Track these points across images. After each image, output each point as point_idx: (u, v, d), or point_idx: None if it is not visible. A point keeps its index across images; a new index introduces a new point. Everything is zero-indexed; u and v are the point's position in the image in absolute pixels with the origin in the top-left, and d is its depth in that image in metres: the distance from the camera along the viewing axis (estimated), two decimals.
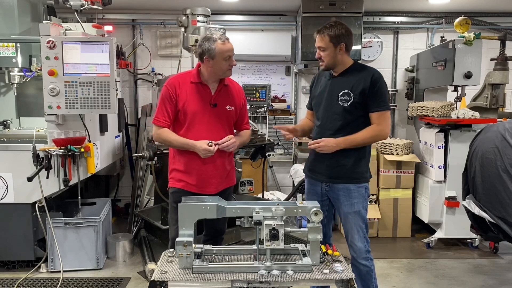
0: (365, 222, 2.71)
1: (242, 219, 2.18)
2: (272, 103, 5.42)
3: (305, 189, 2.93)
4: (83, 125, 3.65)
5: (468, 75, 4.20)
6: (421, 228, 4.83)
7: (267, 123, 5.62)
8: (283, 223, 2.12)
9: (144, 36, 5.48)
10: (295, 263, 2.15)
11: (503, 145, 2.76)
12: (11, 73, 3.92)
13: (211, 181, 2.77)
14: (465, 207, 3.07)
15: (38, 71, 3.75)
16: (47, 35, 3.37)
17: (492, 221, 2.83)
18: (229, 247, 2.42)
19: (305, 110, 3.11)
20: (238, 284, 2.07)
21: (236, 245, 3.86)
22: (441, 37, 4.88)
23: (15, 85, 3.99)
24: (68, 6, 3.62)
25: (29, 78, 3.90)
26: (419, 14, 5.42)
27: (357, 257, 2.68)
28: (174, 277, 2.08)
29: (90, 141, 3.68)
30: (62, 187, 3.63)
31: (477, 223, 3.09)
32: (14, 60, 3.85)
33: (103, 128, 4.10)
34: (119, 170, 5.26)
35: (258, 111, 5.52)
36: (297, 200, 2.30)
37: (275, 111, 5.56)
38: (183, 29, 4.32)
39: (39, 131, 3.77)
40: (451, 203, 4.28)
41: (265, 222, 2.11)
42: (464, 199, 3.14)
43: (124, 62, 4.81)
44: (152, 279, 2.08)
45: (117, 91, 3.57)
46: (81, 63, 3.42)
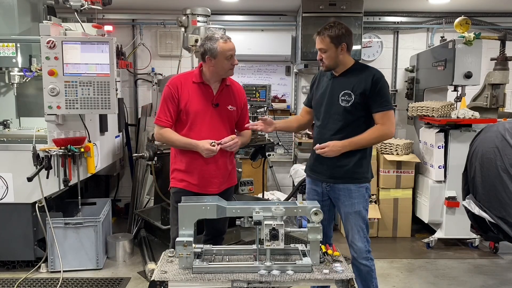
0: (365, 222, 2.71)
1: (242, 219, 2.18)
2: (272, 103, 5.41)
3: (306, 188, 2.92)
4: (83, 125, 3.65)
5: (468, 75, 4.20)
6: (421, 228, 4.83)
7: None
8: (283, 223, 2.12)
9: (144, 36, 5.48)
10: (295, 263, 2.15)
11: (503, 145, 2.76)
12: (11, 73, 3.92)
13: (213, 181, 2.77)
14: (465, 207, 3.07)
15: (38, 71, 3.76)
16: (47, 35, 3.37)
17: (492, 221, 2.83)
18: (229, 247, 2.42)
19: None
20: (238, 284, 2.07)
21: (236, 245, 3.86)
22: (441, 37, 4.88)
23: (15, 85, 3.99)
24: (68, 6, 3.62)
25: (29, 78, 3.90)
26: (419, 14, 5.42)
27: (357, 257, 2.68)
28: (174, 277, 2.08)
29: (90, 141, 3.68)
30: (62, 187, 3.63)
31: (477, 223, 3.09)
32: (14, 60, 3.85)
33: (103, 128, 4.10)
34: (119, 170, 5.26)
35: (258, 111, 5.50)
36: (297, 200, 2.30)
37: (275, 111, 5.55)
38: (183, 29, 4.32)
39: (39, 131, 3.77)
40: (451, 203, 4.28)
41: (265, 222, 2.11)
42: (464, 199, 3.14)
43: (124, 62, 4.81)
44: (152, 279, 2.08)
45: (117, 91, 3.57)
46: (81, 63, 3.42)
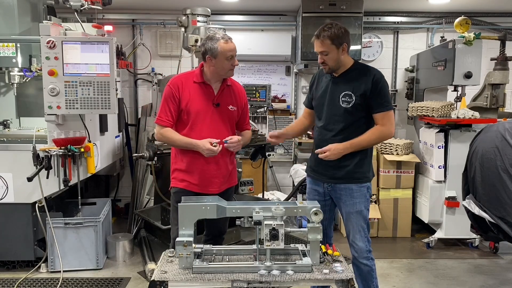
0: (366, 221, 2.71)
1: (242, 219, 2.18)
2: (272, 103, 5.43)
3: (306, 188, 2.92)
4: (83, 125, 3.65)
5: (468, 75, 4.20)
6: (421, 228, 4.83)
7: (267, 123, 5.62)
8: (283, 223, 2.12)
9: (144, 36, 5.48)
10: (295, 263, 2.15)
11: (503, 145, 2.76)
12: (11, 73, 3.92)
13: (214, 181, 2.78)
14: (465, 207, 3.07)
15: (38, 71, 3.76)
16: (47, 35, 3.37)
17: (492, 221, 2.83)
18: (229, 247, 2.42)
19: None
20: (238, 284, 2.07)
21: (236, 245, 3.86)
22: (441, 37, 4.89)
23: (15, 85, 3.99)
24: (68, 6, 3.62)
25: (29, 78, 3.90)
26: (419, 14, 5.42)
27: (358, 256, 2.68)
28: (174, 277, 2.08)
29: (90, 141, 3.68)
30: (62, 187, 3.63)
31: (477, 223, 3.09)
32: (14, 60, 3.85)
33: (103, 128, 4.10)
34: (119, 170, 5.26)
35: (258, 111, 5.52)
36: (297, 200, 2.30)
37: (275, 111, 5.56)
38: (183, 29, 4.32)
39: (39, 131, 3.77)
40: (451, 203, 4.28)
41: (265, 222, 2.11)
42: (464, 199, 3.14)
43: (124, 62, 4.81)
44: (152, 279, 2.08)
45: (117, 91, 3.57)
46: (81, 63, 3.42)
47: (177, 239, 2.14)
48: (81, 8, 3.62)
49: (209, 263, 2.18)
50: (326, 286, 2.69)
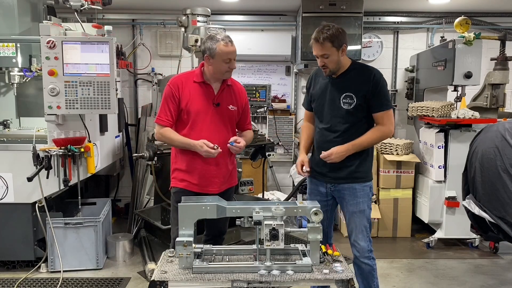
0: (369, 221, 2.71)
1: (242, 219, 2.18)
2: (272, 103, 5.42)
3: (307, 189, 2.90)
4: (83, 125, 3.65)
5: (468, 75, 4.20)
6: (421, 228, 4.83)
7: (267, 123, 5.62)
8: (283, 223, 2.12)
9: (144, 36, 5.48)
10: (295, 263, 2.15)
11: (503, 145, 2.76)
12: (11, 73, 3.92)
13: (214, 181, 2.77)
14: (465, 207, 3.07)
15: (38, 71, 3.76)
16: (47, 35, 3.37)
17: (492, 221, 2.83)
18: (229, 247, 2.42)
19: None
20: (238, 284, 2.07)
21: (236, 245, 3.86)
22: (441, 37, 4.89)
23: (15, 85, 3.99)
24: (68, 6, 3.62)
25: (29, 78, 3.90)
26: (419, 14, 5.42)
27: (360, 256, 2.67)
28: (174, 277, 2.08)
29: (90, 141, 3.67)
30: (62, 187, 3.63)
31: (477, 223, 3.09)
32: (14, 60, 3.85)
33: (103, 128, 4.10)
34: (119, 170, 5.26)
35: (258, 111, 5.52)
36: (297, 200, 2.30)
37: (275, 111, 5.56)
38: (183, 29, 4.32)
39: (39, 131, 3.77)
40: (451, 203, 4.28)
41: (265, 222, 2.11)
42: (464, 199, 3.14)
43: (124, 62, 4.81)
44: (152, 279, 2.08)
45: (117, 91, 3.57)
46: (81, 63, 3.42)
47: (177, 239, 2.14)
48: (81, 8, 3.62)
49: (209, 263, 2.18)
50: (326, 286, 2.69)
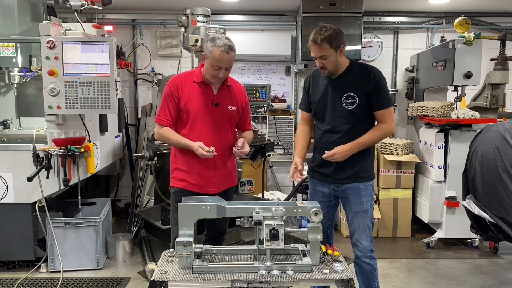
0: (372, 221, 2.71)
1: (242, 219, 2.18)
2: (272, 103, 5.42)
3: (309, 190, 2.89)
4: (83, 125, 3.65)
5: (468, 75, 4.20)
6: (421, 228, 4.83)
7: (267, 123, 5.62)
8: (283, 223, 2.12)
9: (144, 36, 5.48)
10: (295, 263, 2.15)
11: (503, 145, 2.76)
12: (11, 73, 3.92)
13: (213, 181, 2.77)
14: (465, 207, 3.07)
15: (38, 71, 3.76)
16: (47, 35, 3.37)
17: (492, 221, 2.83)
18: (229, 247, 2.42)
19: None
20: (238, 284, 2.07)
21: (236, 245, 3.86)
22: (441, 37, 4.89)
23: (15, 85, 3.99)
24: (68, 6, 3.62)
25: (29, 78, 3.90)
26: (419, 14, 5.42)
27: (361, 256, 2.67)
28: (174, 277, 2.08)
29: (90, 141, 3.67)
30: (62, 187, 3.63)
31: (477, 223, 3.09)
32: (14, 60, 3.85)
33: (103, 128, 4.10)
34: (119, 170, 5.27)
35: (258, 111, 5.52)
36: (297, 200, 2.30)
37: (275, 111, 5.56)
38: (183, 29, 4.32)
39: (39, 131, 3.77)
40: (451, 203, 4.28)
41: (265, 222, 2.11)
42: (464, 199, 3.14)
43: (124, 62, 4.81)
44: (152, 279, 2.08)
45: (117, 91, 3.57)
46: (81, 63, 3.43)
47: (177, 239, 2.14)
48: (81, 8, 3.62)
49: (209, 263, 2.18)
50: (326, 286, 2.69)
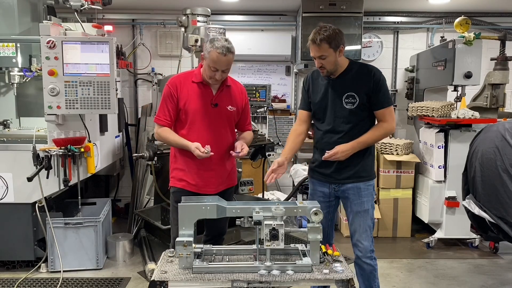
0: (372, 221, 2.71)
1: (242, 219, 2.18)
2: (272, 103, 5.42)
3: (309, 190, 2.88)
4: (83, 125, 3.65)
5: (468, 75, 4.20)
6: (421, 228, 4.83)
7: (267, 123, 5.62)
8: (283, 223, 2.12)
9: (144, 36, 5.48)
10: (295, 263, 2.15)
11: (503, 145, 2.76)
12: (11, 73, 3.92)
13: (211, 181, 2.77)
14: (465, 207, 3.07)
15: (38, 71, 3.76)
16: (47, 35, 3.37)
17: (492, 221, 2.83)
18: (229, 247, 2.42)
19: None
20: (238, 284, 2.07)
21: (236, 245, 3.86)
22: (441, 37, 4.88)
23: (15, 85, 3.99)
24: (68, 6, 3.62)
25: (29, 78, 3.90)
26: (419, 14, 5.42)
27: (362, 256, 2.66)
28: (174, 277, 2.08)
29: (90, 141, 3.67)
30: (62, 187, 3.63)
31: (477, 223, 3.09)
32: (14, 60, 3.85)
33: (103, 128, 4.10)
34: (119, 170, 5.27)
35: (258, 111, 5.52)
36: (297, 200, 2.30)
37: (275, 111, 5.56)
38: (183, 29, 4.32)
39: (39, 131, 3.76)
40: (451, 203, 4.28)
41: (265, 222, 2.11)
42: (464, 199, 3.14)
43: (124, 62, 4.81)
44: (152, 279, 2.08)
45: (117, 91, 3.57)
46: (81, 63, 3.42)
47: (177, 239, 2.14)
48: (81, 8, 3.62)
49: (209, 263, 2.18)
50: (326, 286, 2.69)
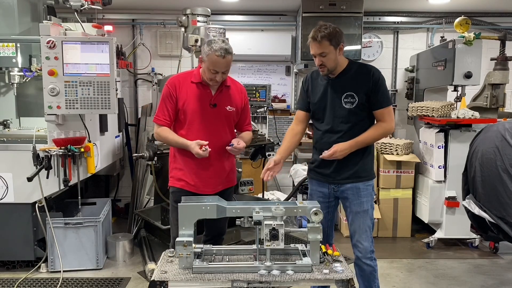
0: (372, 221, 2.70)
1: (242, 219, 2.18)
2: (272, 103, 5.42)
3: (308, 190, 2.89)
4: (83, 125, 3.65)
5: (468, 75, 4.20)
6: (421, 228, 4.83)
7: (267, 123, 5.62)
8: (283, 223, 2.12)
9: (144, 36, 5.48)
10: (295, 263, 2.15)
11: (503, 145, 2.76)
12: (11, 73, 3.92)
13: (209, 181, 2.77)
14: (465, 207, 3.07)
15: (38, 71, 3.76)
16: (47, 35, 3.37)
17: (492, 221, 2.83)
18: (229, 247, 2.42)
19: None
20: (238, 284, 2.07)
21: (236, 245, 3.86)
22: (441, 37, 4.89)
23: (15, 85, 3.99)
24: (68, 6, 3.62)
25: (29, 78, 3.90)
26: (419, 14, 5.42)
27: (362, 256, 2.66)
28: (174, 277, 2.08)
29: (90, 141, 3.67)
30: (62, 187, 3.63)
31: (477, 223, 3.09)
32: (14, 60, 3.85)
33: (103, 128, 4.10)
34: (119, 170, 5.27)
35: (258, 111, 5.52)
36: (297, 200, 2.30)
37: (275, 111, 5.56)
38: (183, 29, 4.32)
39: (39, 131, 3.76)
40: (451, 203, 4.28)
41: (265, 222, 2.11)
42: (464, 199, 3.14)
43: (124, 62, 4.81)
44: (152, 279, 2.08)
45: (117, 91, 3.57)
46: (81, 63, 3.42)
47: (177, 239, 2.14)
48: (81, 8, 3.62)
49: (209, 263, 2.18)
50: (326, 286, 2.69)
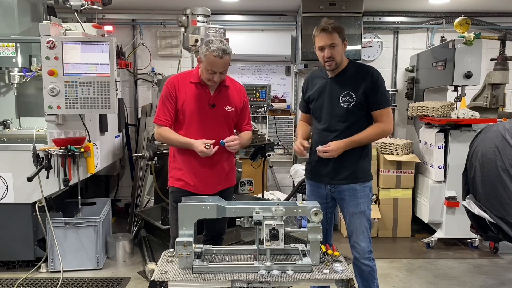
0: (369, 222, 2.70)
1: (242, 219, 2.18)
2: (272, 103, 5.42)
3: (306, 191, 2.89)
4: (83, 125, 3.65)
5: (468, 75, 4.20)
6: (421, 228, 4.83)
7: (267, 123, 5.62)
8: (283, 223, 2.12)
9: (144, 36, 5.48)
10: (295, 263, 2.15)
11: (503, 145, 2.76)
12: (11, 73, 3.92)
13: (209, 181, 2.77)
14: (465, 207, 3.07)
15: (38, 71, 3.76)
16: (47, 35, 3.37)
17: (492, 221, 2.83)
18: (229, 247, 2.42)
19: None
20: (238, 284, 2.07)
21: (236, 245, 3.86)
22: (441, 37, 4.89)
23: (15, 85, 3.99)
24: (68, 6, 3.62)
25: (29, 78, 3.90)
26: (419, 14, 5.42)
27: (360, 257, 2.66)
28: (174, 277, 2.08)
29: (90, 141, 3.67)
30: (62, 187, 3.63)
31: (477, 223, 3.09)
32: (14, 60, 3.85)
33: (103, 128, 4.11)
34: (119, 170, 5.27)
35: (258, 111, 5.52)
36: (297, 200, 2.30)
37: (275, 111, 5.56)
38: (183, 29, 4.32)
39: (39, 131, 3.76)
40: (451, 203, 4.28)
41: (265, 222, 2.11)
42: (464, 199, 3.14)
43: (124, 62, 4.81)
44: (152, 279, 2.08)
45: (117, 91, 3.57)
46: (81, 63, 3.43)
47: (177, 239, 2.14)
48: (81, 8, 3.62)
49: (209, 263, 2.18)
50: (326, 286, 2.69)
